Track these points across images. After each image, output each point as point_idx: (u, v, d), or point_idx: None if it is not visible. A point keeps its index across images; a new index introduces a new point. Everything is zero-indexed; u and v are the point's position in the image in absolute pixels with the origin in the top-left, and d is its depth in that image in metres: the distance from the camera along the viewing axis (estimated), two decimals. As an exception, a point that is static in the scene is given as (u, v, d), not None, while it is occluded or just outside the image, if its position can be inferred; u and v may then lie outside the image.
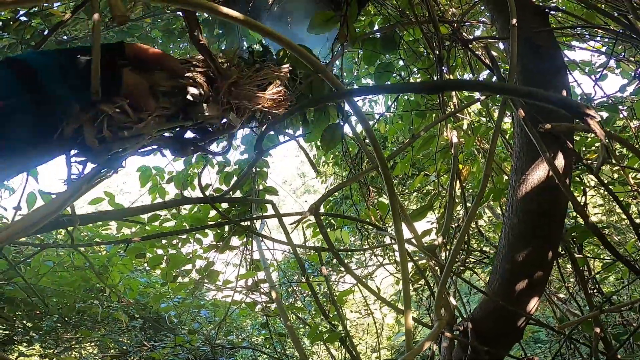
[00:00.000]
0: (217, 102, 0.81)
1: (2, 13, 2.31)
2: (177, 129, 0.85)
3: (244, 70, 0.90)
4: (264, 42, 1.11)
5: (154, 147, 0.82)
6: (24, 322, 3.35)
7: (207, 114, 0.79)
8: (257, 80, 0.87)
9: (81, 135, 0.64)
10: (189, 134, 0.87)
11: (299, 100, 1.03)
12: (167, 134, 0.84)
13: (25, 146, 0.59)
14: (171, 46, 3.65)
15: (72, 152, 0.68)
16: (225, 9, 0.45)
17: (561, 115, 0.84)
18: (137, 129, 0.68)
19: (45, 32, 2.58)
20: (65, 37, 2.82)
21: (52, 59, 0.59)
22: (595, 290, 2.07)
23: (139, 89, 0.68)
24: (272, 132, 1.28)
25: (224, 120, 0.87)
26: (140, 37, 3.13)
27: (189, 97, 0.76)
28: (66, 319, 3.43)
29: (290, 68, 0.96)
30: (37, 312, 3.26)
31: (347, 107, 1.38)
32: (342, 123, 1.47)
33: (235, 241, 2.43)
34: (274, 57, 1.08)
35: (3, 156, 0.55)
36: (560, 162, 1.26)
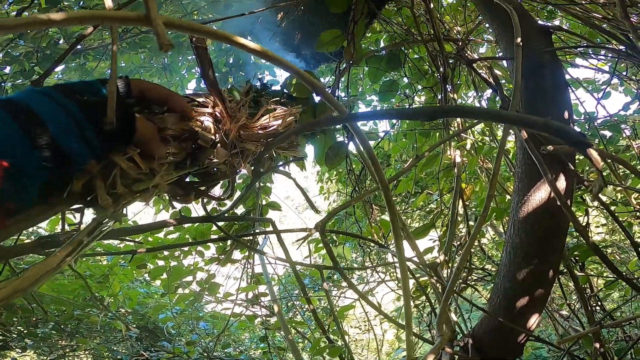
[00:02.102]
0: (226, 147, 0.75)
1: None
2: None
3: (248, 105, 0.84)
4: (263, 79, 1.07)
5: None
6: (20, 328, 3.35)
7: (215, 159, 0.74)
8: (266, 122, 0.82)
9: (91, 190, 0.58)
10: (189, 178, 0.81)
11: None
12: None
13: (30, 208, 0.53)
14: (180, 58, 3.71)
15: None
16: (241, 40, 0.46)
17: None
18: (149, 181, 0.63)
19: (61, 41, 2.64)
20: (79, 47, 2.87)
21: (59, 105, 0.53)
22: (597, 307, 2.07)
23: (151, 135, 0.62)
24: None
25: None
26: (151, 48, 3.18)
27: (200, 142, 0.70)
28: (62, 326, 3.42)
29: (302, 109, 0.91)
30: (34, 318, 3.25)
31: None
32: (346, 141, 1.49)
33: (237, 254, 2.44)
34: (270, 89, 1.03)
35: (9, 218, 0.49)
36: (562, 183, 1.27)
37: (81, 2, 2.76)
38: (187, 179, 0.81)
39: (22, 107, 0.52)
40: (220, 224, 1.34)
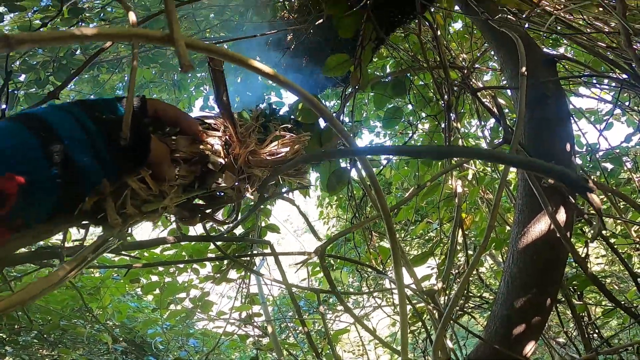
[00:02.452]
0: (234, 172, 0.76)
1: (41, 29, 2.39)
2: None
3: (258, 131, 0.85)
4: (272, 105, 1.08)
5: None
6: (2, 335, 3.28)
7: (223, 183, 0.74)
8: (274, 149, 0.82)
9: (100, 209, 0.58)
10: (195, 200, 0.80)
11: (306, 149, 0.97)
12: None
13: (39, 224, 0.52)
14: (189, 75, 3.75)
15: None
16: (256, 63, 0.47)
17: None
18: (158, 203, 0.63)
19: (78, 52, 2.68)
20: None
21: (77, 122, 0.52)
22: (595, 335, 2.05)
23: (163, 157, 0.62)
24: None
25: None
26: (163, 63, 3.20)
27: (210, 165, 0.70)
28: (45, 336, 3.35)
29: (309, 137, 0.92)
30: (17, 326, 3.19)
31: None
32: (349, 167, 1.49)
33: (233, 274, 2.42)
34: (279, 114, 1.04)
35: (14, 234, 0.49)
36: (562, 216, 1.27)
37: (102, 14, 2.81)
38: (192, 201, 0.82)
39: (41, 122, 0.51)
40: (219, 243, 1.33)
